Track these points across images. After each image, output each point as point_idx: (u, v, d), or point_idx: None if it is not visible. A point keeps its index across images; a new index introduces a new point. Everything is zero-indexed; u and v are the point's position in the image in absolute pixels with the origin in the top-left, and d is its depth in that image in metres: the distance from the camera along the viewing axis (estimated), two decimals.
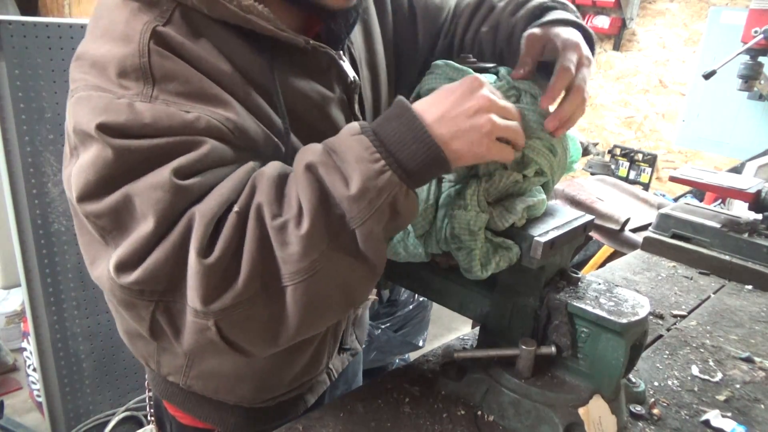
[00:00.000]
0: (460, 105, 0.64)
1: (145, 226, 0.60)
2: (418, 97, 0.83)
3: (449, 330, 3.19)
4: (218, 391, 0.90)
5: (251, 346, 0.65)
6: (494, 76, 0.79)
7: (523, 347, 0.79)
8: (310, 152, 0.64)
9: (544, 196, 0.78)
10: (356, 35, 0.89)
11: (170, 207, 0.60)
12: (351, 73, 0.82)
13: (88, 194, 0.61)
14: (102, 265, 0.64)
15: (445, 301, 0.90)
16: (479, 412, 0.84)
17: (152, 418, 1.05)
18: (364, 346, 1.19)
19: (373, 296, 1.16)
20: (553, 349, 0.79)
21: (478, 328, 0.93)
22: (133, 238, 0.60)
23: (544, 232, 0.74)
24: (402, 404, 0.85)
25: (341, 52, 0.81)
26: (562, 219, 0.80)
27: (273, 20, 0.69)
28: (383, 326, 2.40)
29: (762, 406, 0.93)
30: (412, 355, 2.50)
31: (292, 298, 0.62)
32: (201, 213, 0.60)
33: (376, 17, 0.94)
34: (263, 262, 0.61)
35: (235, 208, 0.61)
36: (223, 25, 0.69)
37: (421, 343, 2.49)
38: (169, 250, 0.60)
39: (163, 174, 0.60)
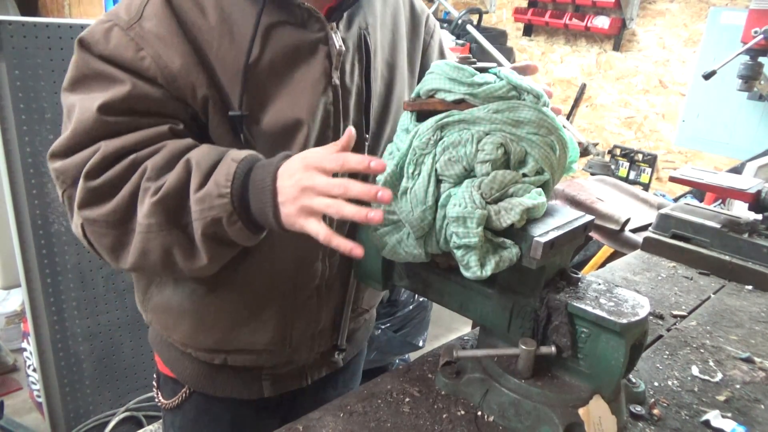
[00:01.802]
0: (290, 189, 0.73)
1: (68, 132, 0.79)
2: (419, 96, 0.83)
3: (449, 330, 3.19)
4: (168, 328, 0.99)
5: (102, 254, 0.82)
6: (494, 76, 0.79)
7: (523, 347, 0.79)
8: (200, 151, 0.78)
9: (544, 198, 0.78)
10: (378, 33, 0.95)
11: (86, 130, 0.77)
12: (338, 42, 0.87)
13: (66, 86, 0.81)
14: None
15: (445, 301, 0.90)
16: (479, 412, 0.84)
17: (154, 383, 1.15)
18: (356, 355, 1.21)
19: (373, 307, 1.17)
20: (553, 349, 0.79)
21: (478, 328, 0.93)
22: (61, 137, 0.80)
23: (544, 233, 0.74)
24: (402, 404, 0.85)
25: (335, 24, 0.88)
26: (562, 219, 0.80)
27: None
28: (383, 326, 2.40)
29: (762, 406, 0.93)
30: (412, 355, 2.50)
31: (134, 240, 0.78)
32: (105, 147, 0.77)
33: (405, 33, 1.03)
34: (128, 206, 0.77)
35: (133, 156, 0.77)
36: None
37: (421, 344, 2.49)
38: (77, 160, 0.78)
39: (94, 103, 0.76)
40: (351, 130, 0.74)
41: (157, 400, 1.12)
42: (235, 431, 1.07)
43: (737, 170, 2.71)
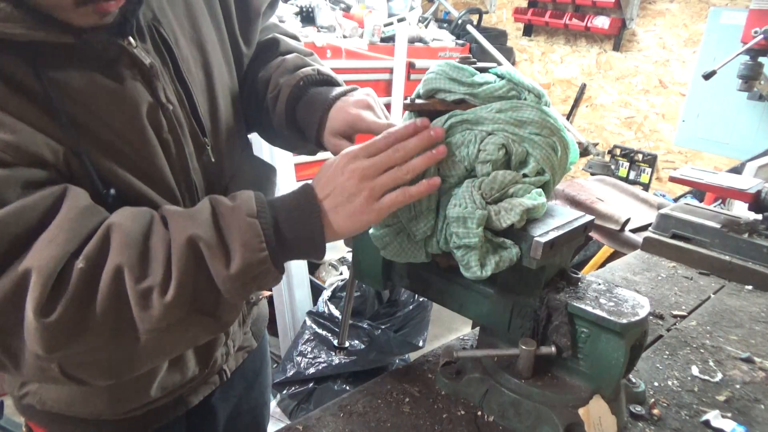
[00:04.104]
0: (342, 189, 0.68)
1: None
2: (419, 97, 0.83)
3: (449, 330, 3.19)
4: (72, 405, 0.84)
5: (92, 380, 0.66)
6: (494, 76, 0.79)
7: (523, 347, 0.79)
8: (195, 222, 0.64)
9: (544, 199, 0.78)
10: (167, 13, 0.77)
11: None
12: (146, 58, 0.71)
13: None
14: None
15: (445, 302, 0.90)
16: (479, 413, 0.84)
17: None
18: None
19: (267, 293, 1.14)
20: (553, 349, 0.79)
21: (478, 328, 0.93)
22: None
23: (544, 233, 0.74)
24: (402, 404, 0.85)
25: (133, 36, 0.70)
26: (562, 219, 0.80)
27: (25, 20, 0.58)
28: (383, 326, 2.40)
29: (762, 406, 0.93)
30: (412, 355, 2.50)
31: (143, 346, 0.64)
32: (38, 270, 0.57)
33: None
34: (118, 318, 0.61)
35: (80, 264, 0.59)
36: None
37: (421, 344, 2.49)
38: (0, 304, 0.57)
39: None
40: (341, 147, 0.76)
41: None
42: None
43: (737, 170, 2.71)
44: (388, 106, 2.95)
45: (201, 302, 0.64)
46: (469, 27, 4.04)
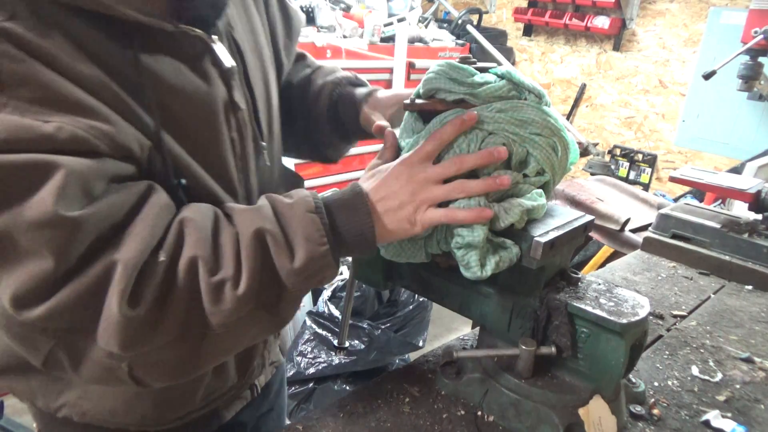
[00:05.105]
0: (396, 196, 0.71)
1: (42, 263, 0.55)
2: (419, 96, 0.83)
3: (449, 330, 3.19)
4: (116, 414, 0.80)
5: (155, 382, 0.66)
6: (494, 76, 0.79)
7: (523, 347, 0.79)
8: (260, 216, 0.66)
9: (544, 200, 0.78)
10: (237, 21, 0.82)
11: (68, 244, 0.55)
12: (228, 60, 0.74)
13: None
14: None
15: (445, 302, 0.90)
16: (479, 413, 0.84)
17: None
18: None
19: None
20: (553, 349, 0.79)
21: (478, 328, 0.93)
22: (30, 274, 0.55)
23: (544, 233, 0.74)
24: (402, 404, 0.85)
25: (215, 36, 0.73)
26: (562, 219, 0.80)
27: (136, 3, 0.61)
28: (383, 326, 2.40)
29: (762, 406, 0.93)
30: (412, 355, 2.50)
31: (209, 343, 0.65)
32: (124, 262, 0.57)
33: (253, 4, 0.89)
34: (189, 313, 0.62)
35: (162, 257, 0.60)
36: (77, 12, 0.59)
37: (421, 344, 2.49)
38: (81, 292, 0.56)
39: (43, 206, 0.53)
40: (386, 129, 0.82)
41: None
42: None
43: (737, 170, 2.71)
44: None
45: (265, 297, 0.65)
46: (469, 27, 4.04)
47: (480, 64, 0.81)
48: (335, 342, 2.33)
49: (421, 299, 2.54)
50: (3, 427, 2.15)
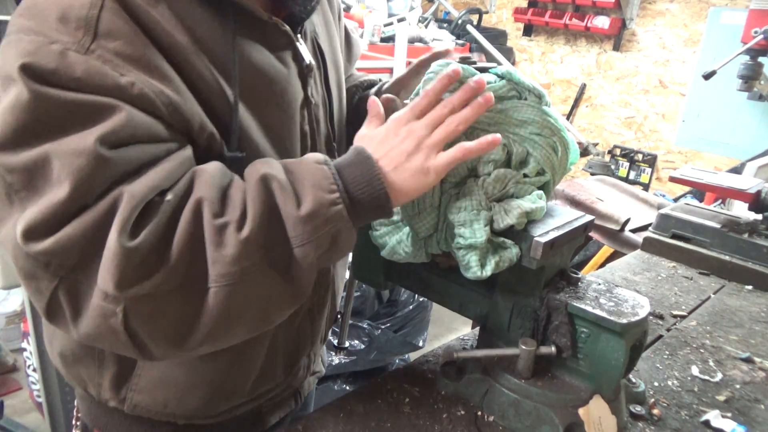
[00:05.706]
0: (399, 149, 0.68)
1: (59, 192, 0.55)
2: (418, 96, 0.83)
3: (449, 330, 3.19)
4: (167, 404, 0.80)
5: (153, 344, 0.61)
6: (494, 76, 0.79)
7: (523, 347, 0.79)
8: (267, 165, 0.65)
9: (543, 202, 0.78)
10: (321, 29, 0.90)
11: (89, 177, 0.56)
12: (307, 56, 0.80)
13: (4, 143, 0.56)
14: (6, 227, 0.59)
15: (445, 302, 0.90)
16: (479, 413, 0.84)
17: None
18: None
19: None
20: (553, 349, 0.79)
21: (478, 328, 0.93)
22: (44, 204, 0.56)
23: (544, 233, 0.74)
24: (402, 404, 0.85)
25: (299, 35, 0.80)
26: (562, 219, 0.80)
27: None
28: (383, 326, 2.40)
29: (762, 406, 0.93)
30: (412, 356, 2.50)
31: (211, 301, 0.60)
32: (130, 193, 0.57)
33: (335, 25, 0.97)
34: (191, 258, 0.59)
35: (168, 196, 0.60)
36: None
37: (421, 344, 2.49)
38: (88, 224, 0.56)
39: (88, 140, 0.56)
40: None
41: None
42: None
43: (737, 170, 2.71)
44: None
45: (274, 251, 0.62)
46: (469, 27, 4.05)
47: (480, 64, 0.81)
48: (335, 342, 2.33)
49: (421, 299, 2.54)
50: (3, 427, 2.15)
